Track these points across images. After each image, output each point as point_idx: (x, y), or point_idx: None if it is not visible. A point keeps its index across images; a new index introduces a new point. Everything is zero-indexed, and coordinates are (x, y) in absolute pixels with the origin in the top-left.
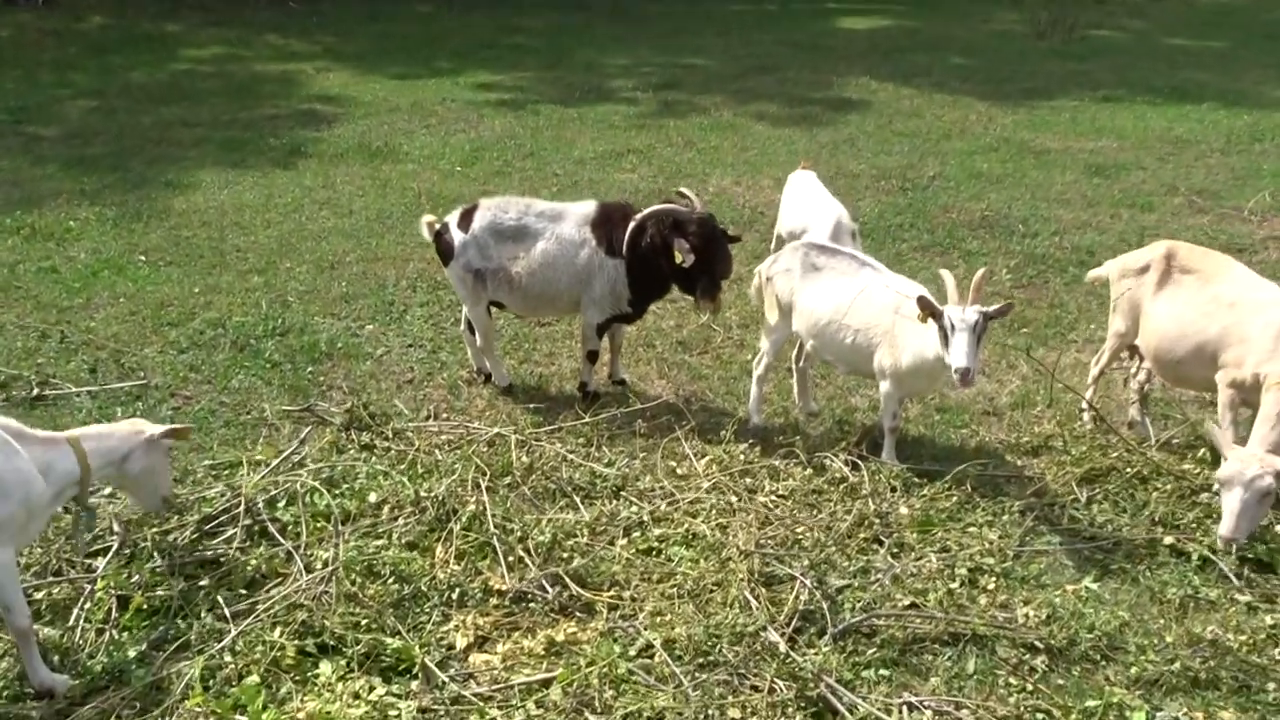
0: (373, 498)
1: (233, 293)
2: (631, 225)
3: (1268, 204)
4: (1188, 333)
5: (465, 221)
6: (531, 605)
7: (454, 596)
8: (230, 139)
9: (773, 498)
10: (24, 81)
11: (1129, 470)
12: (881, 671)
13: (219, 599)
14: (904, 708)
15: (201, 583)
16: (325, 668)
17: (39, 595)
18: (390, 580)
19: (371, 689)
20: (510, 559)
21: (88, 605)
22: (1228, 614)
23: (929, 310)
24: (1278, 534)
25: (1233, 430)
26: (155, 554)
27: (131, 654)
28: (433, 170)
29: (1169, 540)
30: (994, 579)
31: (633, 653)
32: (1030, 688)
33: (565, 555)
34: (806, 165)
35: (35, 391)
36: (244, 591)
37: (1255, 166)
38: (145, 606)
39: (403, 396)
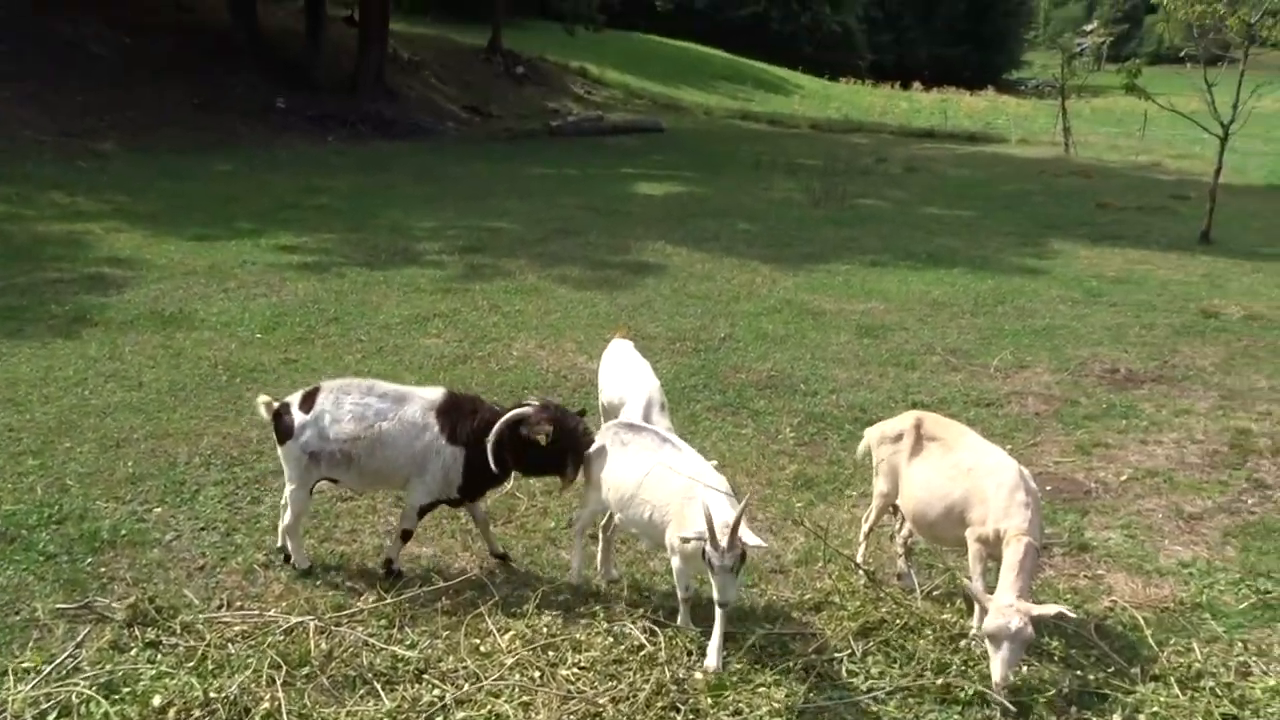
0: (157, 701)
1: (2, 478)
2: (499, 425)
3: (1010, 361)
4: (937, 496)
5: (307, 403)
6: None
7: None
8: (5, 306)
9: (575, 670)
10: None
11: (899, 621)
12: None
13: None
14: None
15: None
16: None
17: None
18: None
19: None
20: None
21: None
22: None
23: (690, 540)
24: (1028, 677)
25: (982, 582)
26: None
27: None
28: (230, 337)
29: (940, 684)
30: None
31: None
32: None
33: None
34: (623, 334)
35: None
36: None
37: (999, 327)
38: None
39: (193, 585)
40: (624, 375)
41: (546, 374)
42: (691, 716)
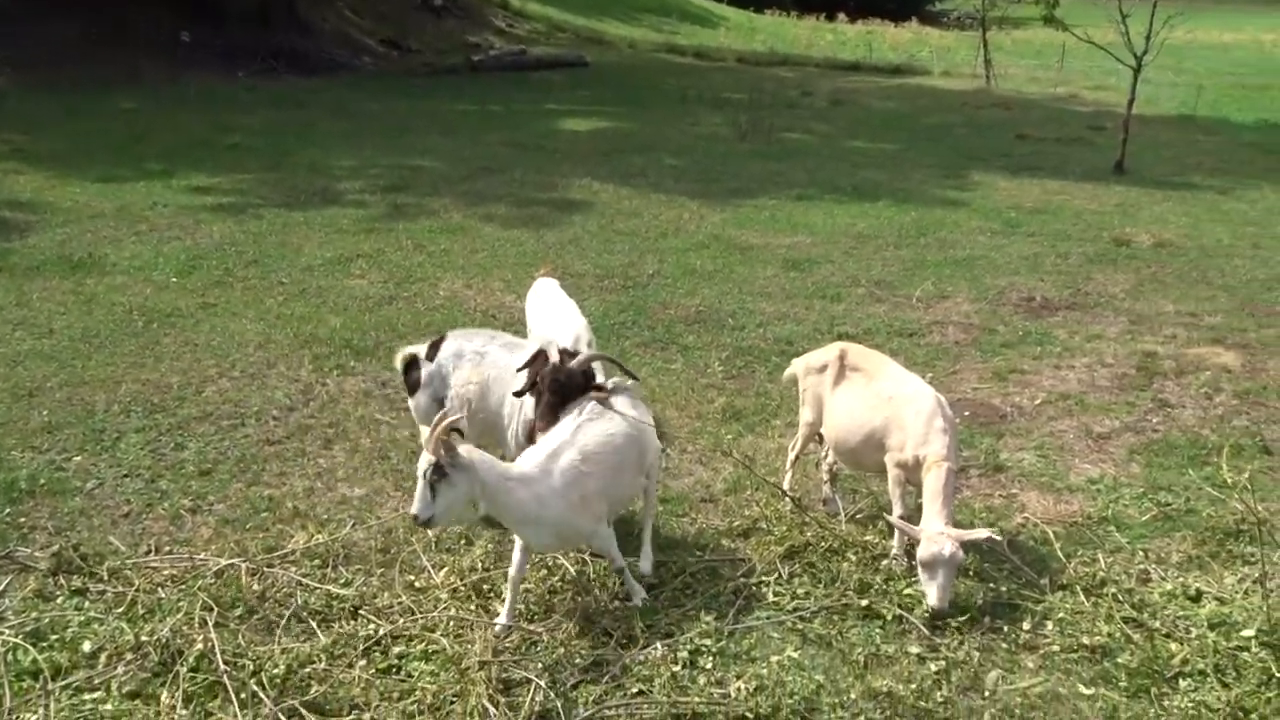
0: (87, 647)
1: None
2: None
3: (931, 292)
4: (859, 423)
5: (433, 351)
6: None
7: None
8: None
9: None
10: None
11: (823, 544)
12: None
13: None
14: None
15: None
16: None
17: None
18: None
19: None
20: (243, 696)
21: None
22: (902, 666)
23: None
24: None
25: (901, 505)
26: None
27: None
28: (145, 282)
29: (863, 603)
30: (711, 658)
31: None
32: None
33: (302, 684)
34: (547, 272)
35: None
36: None
37: (921, 258)
38: None
39: (119, 532)
40: (551, 314)
41: (474, 313)
42: (625, 642)
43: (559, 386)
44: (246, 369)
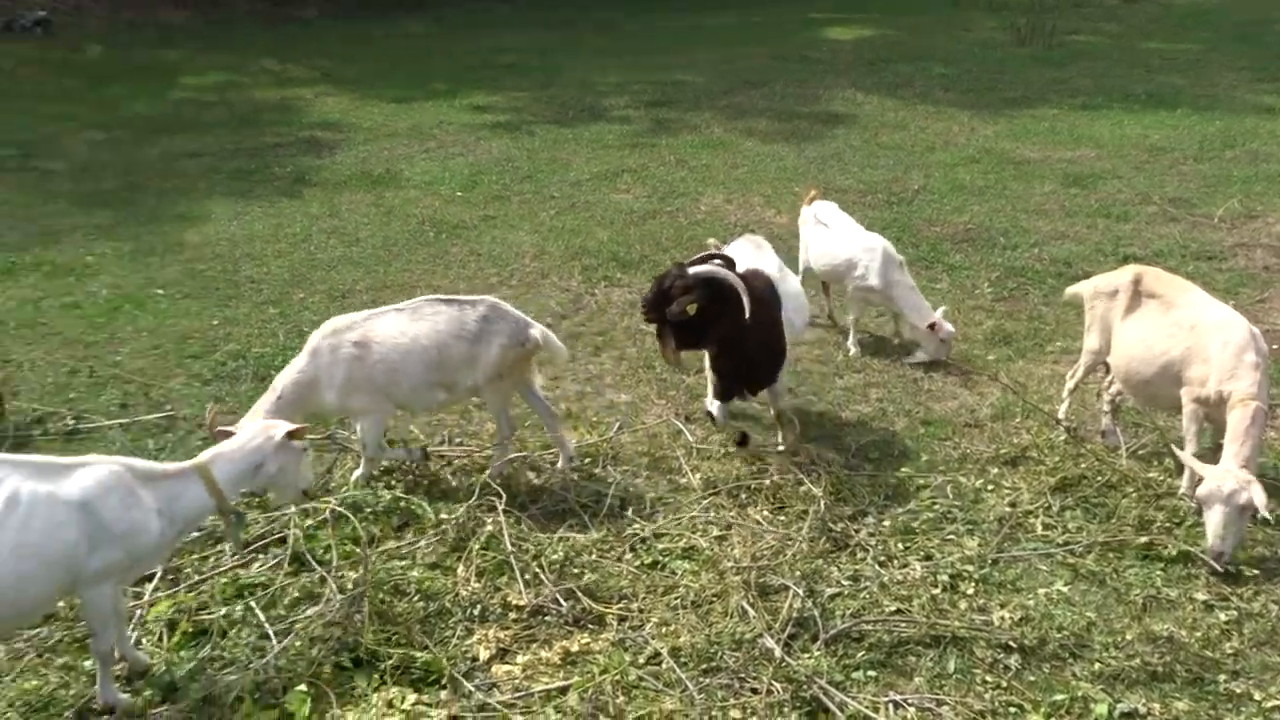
0: (396, 521)
1: (249, 324)
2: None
3: (1237, 211)
4: (1154, 354)
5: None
6: (547, 619)
7: (475, 612)
8: (236, 169)
9: (765, 512)
10: (27, 114)
11: (1100, 478)
12: (869, 673)
13: (261, 619)
14: (890, 705)
15: (239, 608)
16: (361, 680)
17: None
18: (416, 598)
19: (404, 699)
20: (527, 576)
21: (135, 632)
22: (1185, 612)
23: None
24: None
25: (1195, 443)
26: (196, 579)
27: (183, 671)
28: (434, 196)
29: (1142, 540)
30: (973, 584)
31: (642, 660)
32: (1004, 684)
33: (577, 571)
34: (818, 195)
35: (71, 426)
36: (282, 613)
37: (1226, 173)
38: (190, 630)
39: (418, 423)
40: (844, 237)
41: (734, 228)
42: (882, 560)
43: (660, 281)
44: (524, 278)
